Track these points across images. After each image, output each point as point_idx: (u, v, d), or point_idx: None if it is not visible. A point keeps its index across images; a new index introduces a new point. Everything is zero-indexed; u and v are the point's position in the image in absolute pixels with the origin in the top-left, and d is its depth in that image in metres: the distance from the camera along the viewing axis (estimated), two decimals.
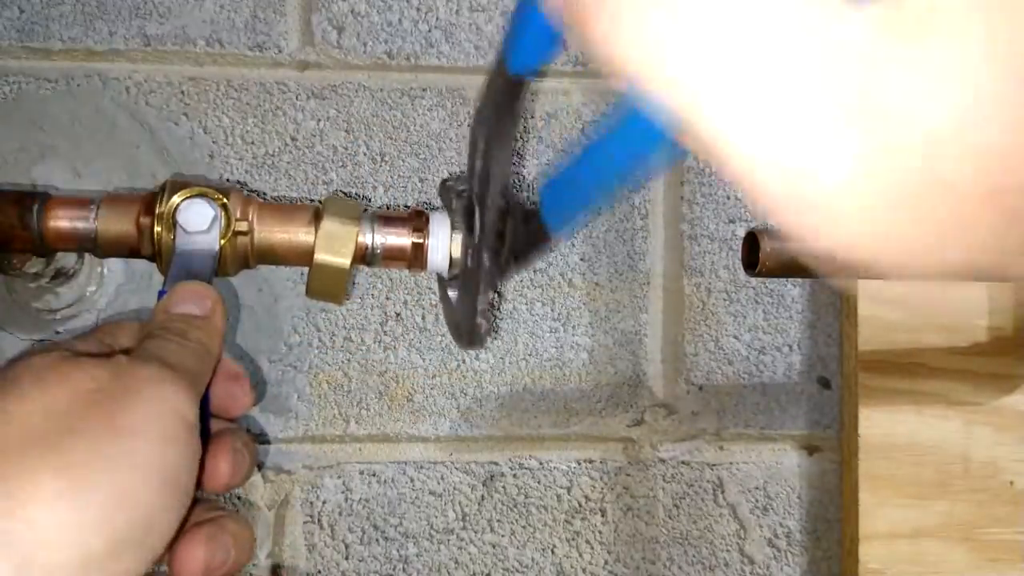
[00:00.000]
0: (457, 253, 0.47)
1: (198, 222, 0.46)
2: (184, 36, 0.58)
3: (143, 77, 0.58)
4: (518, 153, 0.60)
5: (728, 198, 0.62)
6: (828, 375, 0.62)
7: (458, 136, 0.59)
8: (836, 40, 0.12)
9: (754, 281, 0.62)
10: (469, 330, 0.42)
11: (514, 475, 0.60)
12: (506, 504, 0.60)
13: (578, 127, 0.61)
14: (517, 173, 0.60)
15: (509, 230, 0.39)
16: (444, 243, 0.47)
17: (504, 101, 0.33)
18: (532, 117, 0.60)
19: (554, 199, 0.35)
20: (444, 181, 0.50)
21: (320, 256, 0.47)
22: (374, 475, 0.58)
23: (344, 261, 0.47)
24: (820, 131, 0.12)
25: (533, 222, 0.36)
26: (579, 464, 0.60)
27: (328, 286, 0.47)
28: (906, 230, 0.12)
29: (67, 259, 0.55)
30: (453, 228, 0.47)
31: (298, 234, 0.48)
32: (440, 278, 0.49)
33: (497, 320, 0.60)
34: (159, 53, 0.58)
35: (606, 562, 0.60)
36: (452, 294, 0.48)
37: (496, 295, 0.43)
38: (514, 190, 0.59)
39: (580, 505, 0.60)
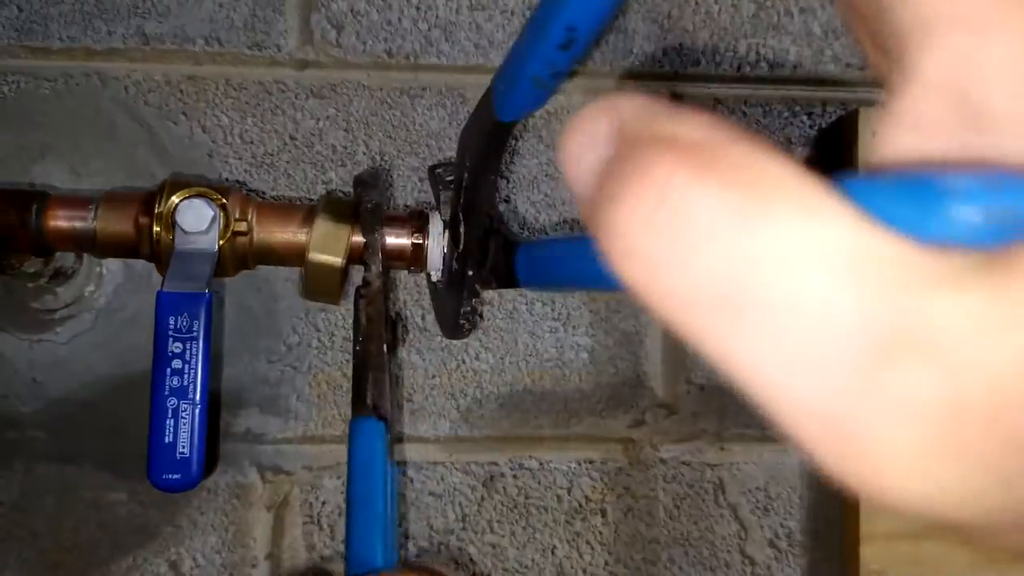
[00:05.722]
0: (447, 250, 0.47)
1: (197, 222, 0.46)
2: (183, 35, 0.58)
3: (142, 76, 0.57)
4: (514, 152, 0.60)
5: None
6: None
7: (457, 135, 0.59)
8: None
9: None
10: (452, 328, 0.43)
11: (514, 476, 0.60)
12: (506, 505, 0.59)
13: None
14: (507, 178, 0.60)
15: (492, 250, 0.40)
16: (440, 244, 0.47)
17: (491, 141, 0.33)
18: (532, 117, 0.60)
19: (528, 264, 0.35)
20: (432, 168, 0.49)
21: (313, 255, 0.47)
22: None
23: (337, 259, 0.47)
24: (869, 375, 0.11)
25: (510, 256, 0.37)
26: (579, 464, 0.60)
27: (323, 285, 0.47)
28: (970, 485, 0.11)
29: (66, 259, 0.55)
30: (444, 227, 0.47)
31: (297, 234, 0.48)
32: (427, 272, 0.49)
33: (481, 315, 0.59)
34: (158, 52, 0.58)
35: (606, 563, 0.60)
36: (437, 280, 0.49)
37: (478, 300, 0.44)
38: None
39: (580, 506, 0.60)
